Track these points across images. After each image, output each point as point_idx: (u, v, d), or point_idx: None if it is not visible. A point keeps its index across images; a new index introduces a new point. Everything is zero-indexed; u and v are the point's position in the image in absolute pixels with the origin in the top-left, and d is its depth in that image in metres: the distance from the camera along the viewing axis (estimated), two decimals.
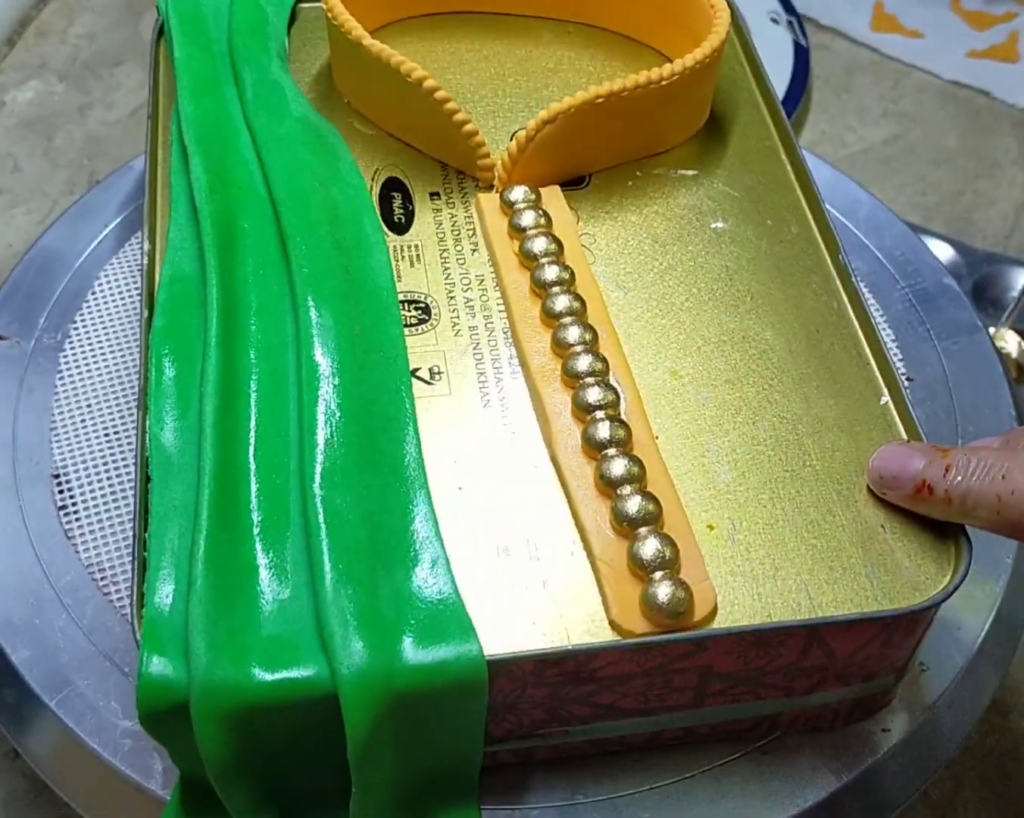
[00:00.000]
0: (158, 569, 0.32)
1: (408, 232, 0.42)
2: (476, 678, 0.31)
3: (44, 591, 0.39)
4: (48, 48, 0.72)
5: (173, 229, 0.41)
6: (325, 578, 0.31)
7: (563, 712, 0.34)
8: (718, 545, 0.34)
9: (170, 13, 0.48)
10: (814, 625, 0.32)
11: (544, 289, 0.39)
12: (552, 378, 0.37)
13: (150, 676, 0.30)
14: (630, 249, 0.42)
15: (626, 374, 0.37)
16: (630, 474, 0.34)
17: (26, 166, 0.65)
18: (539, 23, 0.51)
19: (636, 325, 0.39)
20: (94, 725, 0.36)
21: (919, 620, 0.33)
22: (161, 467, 0.34)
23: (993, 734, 0.45)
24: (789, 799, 0.35)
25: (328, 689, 0.30)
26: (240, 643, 0.30)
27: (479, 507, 0.34)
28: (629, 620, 0.32)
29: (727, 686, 0.34)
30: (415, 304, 0.40)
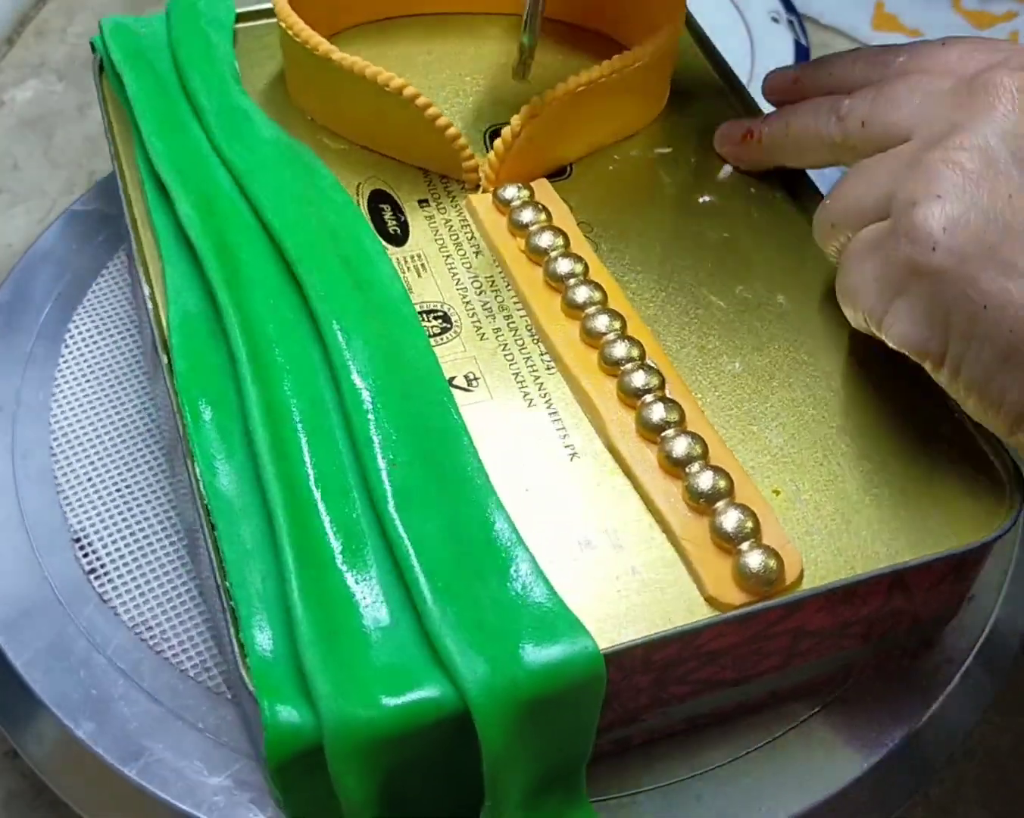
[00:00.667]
0: (250, 616, 0.32)
1: (407, 243, 0.41)
2: (595, 673, 0.31)
3: (94, 659, 0.37)
4: (47, 47, 0.71)
5: (169, 269, 0.39)
6: (426, 600, 0.31)
7: (664, 694, 0.34)
8: (787, 508, 0.35)
9: (110, 49, 0.47)
10: (899, 570, 0.33)
11: (561, 282, 0.39)
12: (590, 368, 0.37)
13: (278, 725, 0.29)
14: (629, 232, 0.42)
15: (660, 355, 0.38)
16: (695, 451, 0.35)
17: (25, 165, 0.64)
18: (483, 19, 0.51)
19: (653, 306, 0.40)
20: (182, 789, 0.35)
21: (986, 552, 0.35)
22: (223, 513, 0.34)
23: (993, 733, 0.45)
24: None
25: (455, 708, 0.30)
26: (359, 677, 0.30)
27: (550, 506, 0.34)
28: (726, 593, 0.32)
29: (814, 643, 0.35)
30: (433, 314, 0.39)
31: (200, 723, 0.36)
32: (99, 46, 0.48)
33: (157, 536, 0.40)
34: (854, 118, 0.37)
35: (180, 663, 0.37)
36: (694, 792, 0.36)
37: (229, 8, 0.50)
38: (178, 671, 0.37)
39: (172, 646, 0.38)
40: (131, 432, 0.43)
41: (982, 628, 0.41)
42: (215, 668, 0.37)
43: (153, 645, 0.38)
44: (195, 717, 0.36)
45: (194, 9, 0.49)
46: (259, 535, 0.33)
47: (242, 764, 0.35)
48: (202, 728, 0.36)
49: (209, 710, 0.36)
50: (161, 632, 0.38)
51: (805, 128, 0.40)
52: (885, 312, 0.34)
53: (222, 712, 0.36)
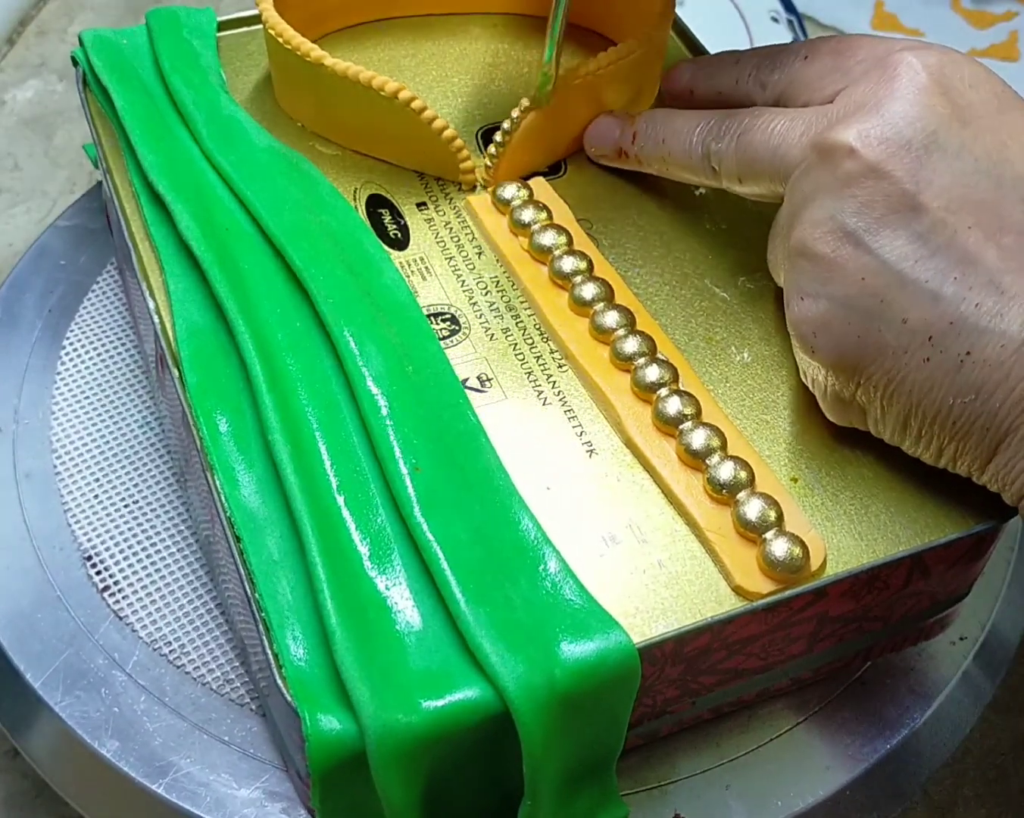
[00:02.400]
0: (283, 627, 0.31)
1: (408, 247, 0.41)
2: (630, 667, 0.31)
3: (114, 677, 0.37)
4: (48, 47, 0.71)
5: (172, 282, 0.39)
6: (459, 603, 0.31)
7: (693, 684, 0.34)
8: (805, 495, 0.35)
9: (94, 62, 0.46)
10: (921, 551, 0.34)
11: (567, 280, 0.39)
12: (602, 364, 0.37)
13: (321, 734, 0.29)
14: (628, 227, 0.42)
15: (671, 348, 0.38)
16: (713, 443, 0.35)
17: (26, 165, 0.63)
18: (464, 19, 0.51)
19: (658, 299, 0.40)
20: (212, 802, 0.35)
21: (1001, 529, 0.35)
22: (248, 526, 0.33)
23: (993, 733, 0.46)
24: (876, 741, 0.37)
25: (493, 709, 0.30)
26: (398, 682, 0.30)
27: (573, 503, 0.35)
28: (753, 582, 0.33)
29: (837, 628, 0.35)
30: (440, 316, 0.39)
31: (226, 736, 0.36)
32: (81, 59, 0.47)
33: (169, 550, 0.40)
34: (720, 162, 0.38)
35: (202, 677, 0.37)
36: (723, 781, 0.36)
37: (211, 17, 0.49)
38: (200, 685, 0.37)
39: (192, 660, 0.37)
40: (135, 447, 0.43)
41: (982, 628, 0.41)
42: (238, 681, 0.37)
43: (173, 660, 0.37)
44: (220, 730, 0.36)
45: (175, 19, 0.48)
46: (284, 545, 0.33)
47: (271, 775, 0.35)
48: (228, 741, 0.36)
49: (234, 722, 0.36)
50: (180, 647, 0.38)
51: (680, 163, 0.40)
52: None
53: (247, 724, 0.36)
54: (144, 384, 0.45)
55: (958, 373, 0.31)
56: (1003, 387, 0.31)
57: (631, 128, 0.42)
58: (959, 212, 0.32)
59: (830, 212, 0.33)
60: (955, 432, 0.32)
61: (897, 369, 0.32)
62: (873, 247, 0.32)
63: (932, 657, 0.39)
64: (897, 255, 0.32)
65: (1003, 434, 0.31)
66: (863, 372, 0.33)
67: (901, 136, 0.32)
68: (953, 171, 0.32)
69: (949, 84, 0.33)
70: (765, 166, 0.36)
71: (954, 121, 0.33)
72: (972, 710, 0.40)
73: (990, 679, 0.41)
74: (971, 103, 0.33)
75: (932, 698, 0.39)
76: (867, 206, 0.32)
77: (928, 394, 0.32)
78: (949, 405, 0.32)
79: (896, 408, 0.33)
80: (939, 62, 0.34)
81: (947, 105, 0.33)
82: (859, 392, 0.34)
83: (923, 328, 0.32)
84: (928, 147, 0.32)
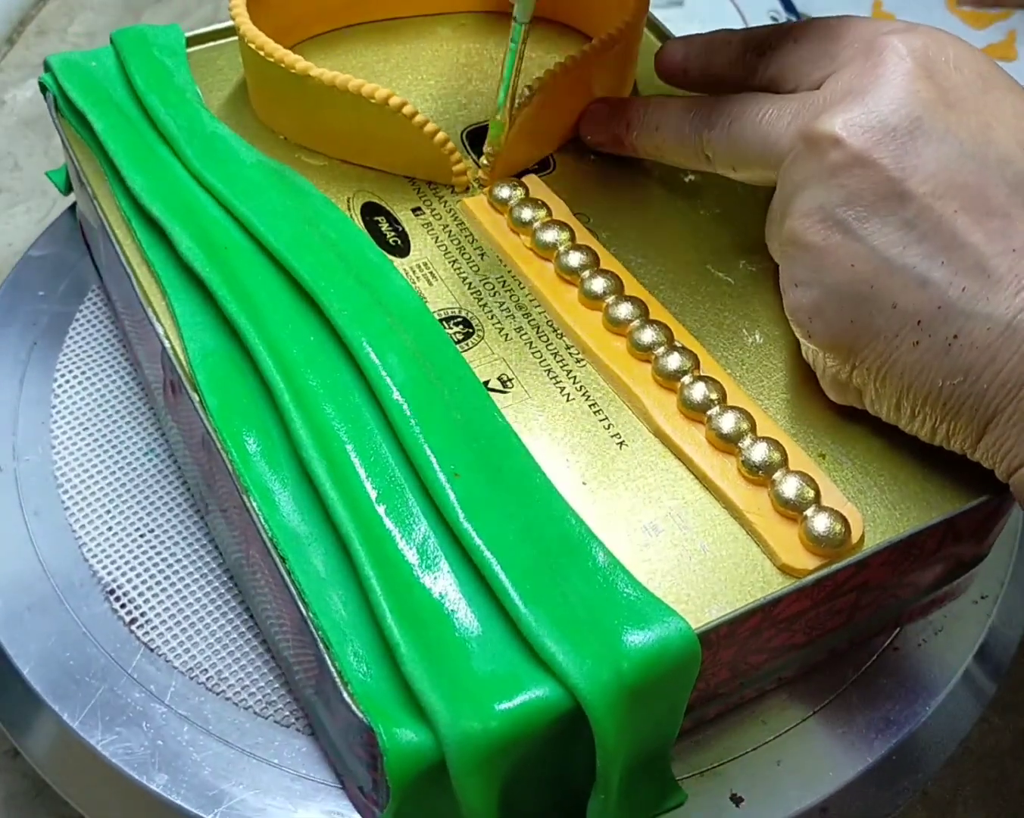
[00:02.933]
0: (343, 643, 0.31)
1: (410, 253, 0.41)
2: (692, 652, 0.31)
3: (154, 710, 0.36)
4: (48, 47, 0.70)
5: (178, 305, 0.39)
6: (517, 605, 0.31)
7: (743, 665, 0.35)
8: (836, 469, 0.36)
9: (65, 87, 0.45)
10: (954, 516, 0.34)
11: (575, 275, 0.40)
12: (621, 356, 0.38)
13: (399, 747, 0.29)
14: (625, 218, 0.43)
15: (685, 335, 0.38)
16: (743, 425, 0.35)
17: (26, 165, 0.63)
18: (430, 20, 0.51)
19: (664, 288, 0.40)
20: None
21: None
22: (291, 544, 0.33)
23: (993, 733, 0.46)
24: (876, 741, 0.37)
25: (564, 706, 0.30)
26: (468, 688, 0.30)
27: (610, 495, 0.35)
28: (799, 560, 0.33)
29: (875, 597, 0.36)
30: (453, 320, 0.39)
31: (275, 759, 0.36)
32: (51, 84, 0.46)
33: (192, 577, 0.39)
34: (712, 150, 0.39)
35: (243, 701, 0.37)
36: (774, 757, 0.36)
37: (178, 34, 0.49)
38: (242, 710, 0.37)
39: (232, 685, 0.37)
40: (143, 476, 0.42)
41: (982, 628, 0.42)
42: (280, 702, 0.37)
43: (212, 687, 0.37)
44: (269, 753, 0.36)
45: (143, 38, 0.48)
46: (330, 561, 0.33)
47: (326, 794, 0.35)
48: (278, 764, 0.35)
49: (282, 744, 0.36)
50: (217, 673, 0.37)
51: (674, 150, 0.41)
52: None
53: (296, 745, 0.36)
54: (144, 411, 0.44)
55: (946, 356, 0.32)
56: (990, 369, 0.32)
57: (625, 116, 0.43)
58: (945, 197, 0.32)
59: (819, 202, 0.34)
60: (946, 412, 0.33)
61: (889, 352, 0.33)
62: (862, 235, 0.33)
63: (958, 617, 0.40)
64: (885, 242, 0.33)
65: (991, 414, 0.32)
66: (857, 355, 0.34)
67: (886, 124, 0.33)
68: (939, 156, 0.32)
69: (934, 67, 0.34)
70: (756, 155, 0.37)
71: (939, 105, 0.33)
72: (972, 710, 0.40)
73: (990, 679, 0.41)
74: (956, 85, 0.34)
75: (932, 698, 0.39)
76: (855, 195, 0.33)
77: (919, 376, 0.33)
78: (939, 387, 0.33)
79: (889, 389, 0.34)
80: (924, 44, 0.34)
81: (932, 89, 0.33)
82: (854, 374, 0.35)
83: (912, 312, 0.32)
84: (913, 133, 0.33)
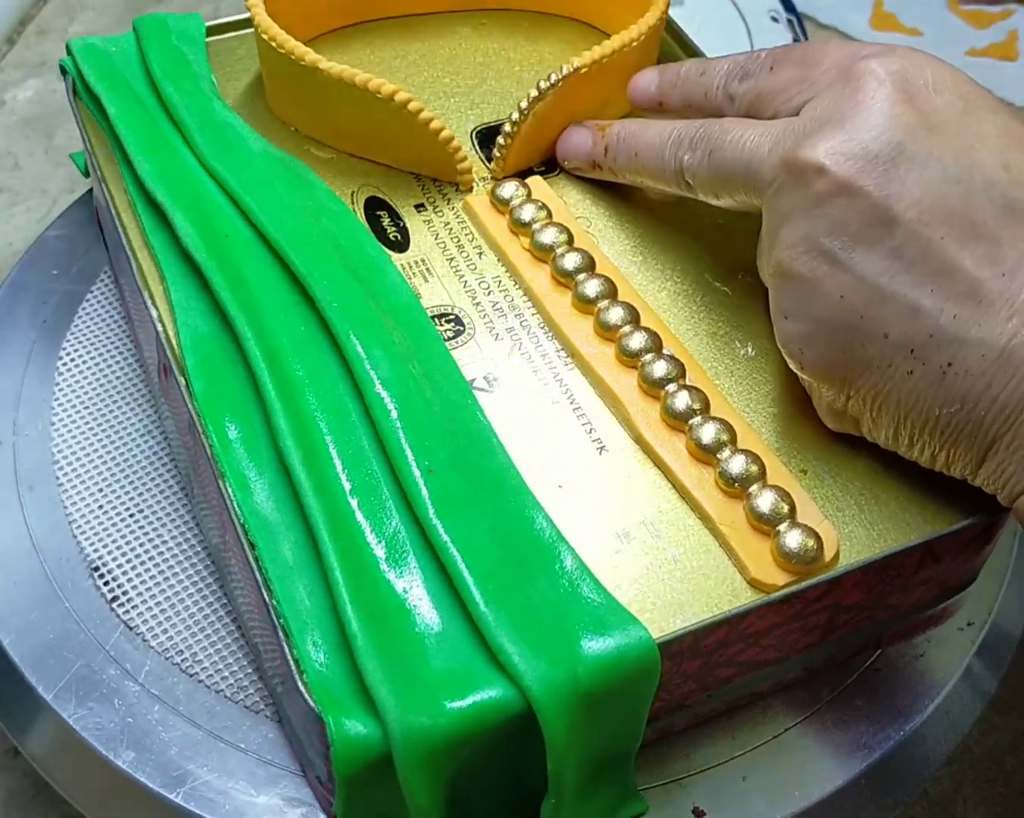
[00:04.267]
0: (302, 632, 0.31)
1: (408, 249, 0.41)
2: (650, 661, 0.31)
3: (127, 687, 0.37)
4: (48, 46, 0.71)
5: (174, 290, 0.39)
6: (478, 603, 0.31)
7: (709, 678, 0.34)
8: (816, 486, 0.35)
9: (84, 71, 0.46)
10: (932, 539, 0.34)
11: (569, 278, 0.39)
12: (608, 362, 0.38)
13: (346, 739, 0.29)
14: (626, 224, 0.43)
15: (676, 343, 0.38)
16: (723, 437, 0.35)
17: (26, 164, 0.63)
18: (451, 18, 0.51)
19: (661, 295, 0.40)
20: (230, 810, 0.35)
21: (1007, 517, 0.36)
22: (262, 531, 0.33)
23: (993, 733, 0.46)
24: (876, 740, 0.37)
25: (517, 708, 0.30)
26: (421, 684, 0.30)
27: (585, 500, 0.35)
28: (769, 575, 0.33)
29: (850, 617, 0.35)
30: (445, 318, 0.39)
31: (242, 743, 0.36)
32: (70, 68, 0.47)
33: (177, 559, 0.40)
34: (693, 176, 0.38)
35: (215, 685, 0.37)
36: (740, 773, 0.36)
37: (199, 23, 0.49)
38: (214, 693, 0.37)
39: (205, 668, 0.37)
40: (137, 457, 0.43)
41: (981, 627, 0.41)
42: (251, 687, 0.37)
43: (186, 669, 0.37)
44: (236, 738, 0.36)
45: (163, 26, 0.48)
46: (299, 551, 0.33)
47: (288, 781, 0.35)
48: (244, 748, 0.36)
49: (250, 729, 0.36)
50: (192, 655, 0.38)
51: (654, 176, 0.40)
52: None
53: (263, 731, 0.36)
54: (144, 392, 0.45)
55: (942, 384, 0.32)
56: (986, 396, 0.31)
57: (603, 141, 0.42)
58: (931, 223, 0.32)
59: (804, 232, 0.33)
60: (944, 440, 0.33)
61: (883, 382, 0.33)
62: (848, 264, 0.32)
63: (940, 644, 0.40)
64: (873, 271, 0.32)
65: (990, 441, 0.32)
66: (851, 385, 0.34)
67: (868, 151, 0.32)
68: (923, 182, 0.32)
69: (914, 90, 0.33)
70: (738, 182, 0.36)
71: (920, 129, 0.32)
72: (972, 709, 0.40)
73: (990, 678, 0.41)
74: (937, 108, 0.33)
75: (932, 697, 0.39)
76: (840, 224, 0.32)
77: (915, 405, 0.32)
78: (936, 415, 0.32)
79: (886, 418, 0.34)
80: (902, 68, 0.33)
81: (912, 113, 0.33)
82: (850, 404, 0.34)
83: (904, 342, 0.32)
84: (896, 159, 0.32)
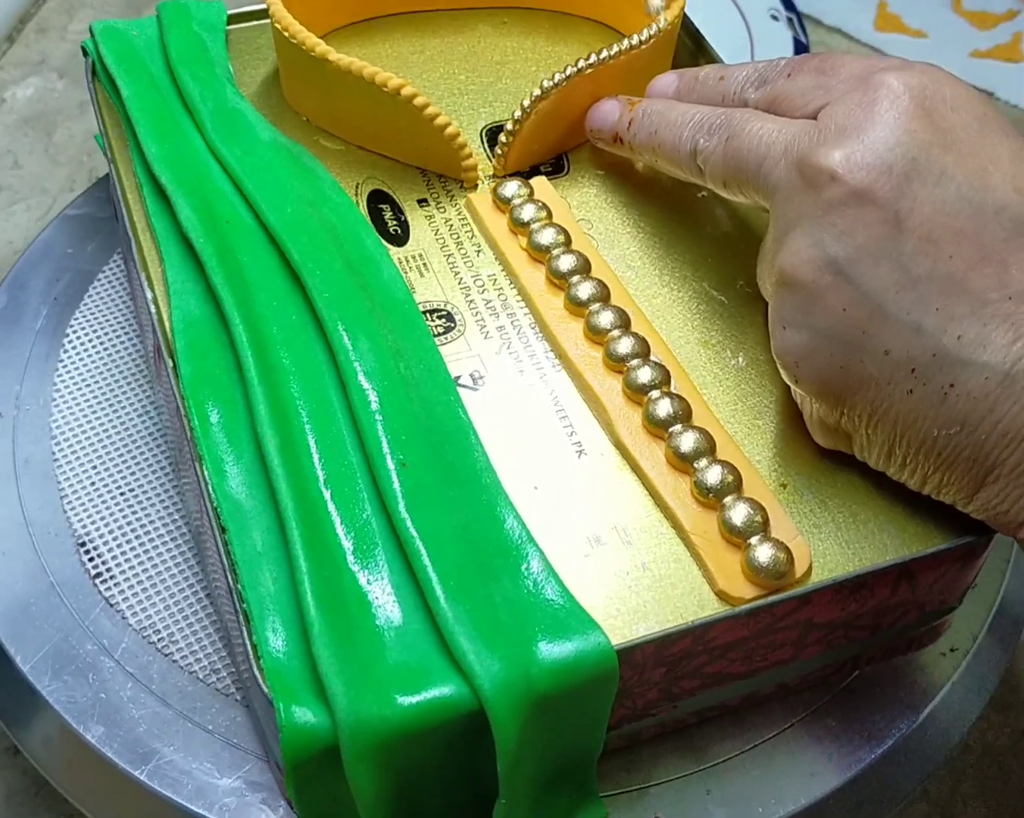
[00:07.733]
0: (263, 618, 0.32)
1: (407, 243, 0.42)
2: (608, 668, 0.31)
3: (102, 663, 0.37)
4: (48, 45, 0.71)
5: (171, 273, 0.39)
6: (439, 600, 0.31)
7: (675, 688, 0.34)
8: (794, 501, 0.35)
9: (103, 53, 0.46)
10: (907, 562, 0.33)
11: (563, 280, 0.39)
12: (595, 365, 0.37)
13: (294, 726, 0.29)
14: (628, 228, 0.42)
15: (665, 350, 0.38)
16: (702, 446, 0.35)
17: (26, 163, 0.64)
18: (472, 15, 0.51)
19: (656, 301, 0.40)
20: (193, 790, 0.35)
21: (991, 540, 0.35)
22: (234, 516, 0.34)
23: (993, 730, 0.45)
24: (876, 738, 0.37)
25: (469, 707, 0.30)
26: (374, 676, 0.30)
27: (559, 503, 0.35)
28: (737, 588, 0.33)
29: (823, 635, 0.35)
30: (437, 313, 0.39)
31: (210, 725, 0.36)
32: (91, 49, 0.47)
33: (162, 539, 0.40)
34: (706, 161, 0.38)
35: (189, 665, 0.37)
36: (704, 785, 0.36)
37: (220, 10, 0.50)
38: (187, 673, 0.37)
39: (180, 649, 0.38)
40: (133, 436, 0.43)
41: (981, 626, 0.41)
42: (224, 670, 0.37)
43: (161, 648, 0.38)
44: (205, 719, 0.36)
45: (186, 12, 0.49)
46: (269, 537, 0.33)
47: (252, 765, 0.35)
48: (212, 730, 0.36)
49: (219, 712, 0.36)
50: (169, 635, 0.38)
51: (669, 157, 0.40)
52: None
53: (232, 714, 0.36)
54: (144, 374, 0.45)
55: (942, 405, 0.31)
56: (988, 420, 0.30)
57: (629, 114, 0.42)
58: (940, 241, 0.31)
59: (812, 239, 0.33)
60: (940, 462, 0.32)
61: (881, 400, 0.32)
62: (854, 277, 0.32)
63: (922, 668, 0.39)
64: (878, 285, 0.32)
65: (990, 467, 0.31)
66: (847, 402, 0.33)
67: (883, 162, 0.32)
68: (934, 199, 0.31)
69: (931, 106, 0.33)
70: (749, 176, 0.36)
71: (935, 146, 0.32)
72: (971, 707, 0.40)
73: (990, 676, 0.40)
74: (953, 126, 0.32)
75: (932, 695, 0.39)
76: (848, 233, 0.32)
77: (913, 425, 0.32)
78: (934, 436, 0.31)
79: (881, 437, 0.33)
80: (921, 83, 0.33)
81: (928, 129, 0.32)
82: (843, 420, 0.34)
83: (906, 360, 0.31)
84: (909, 174, 0.32)
